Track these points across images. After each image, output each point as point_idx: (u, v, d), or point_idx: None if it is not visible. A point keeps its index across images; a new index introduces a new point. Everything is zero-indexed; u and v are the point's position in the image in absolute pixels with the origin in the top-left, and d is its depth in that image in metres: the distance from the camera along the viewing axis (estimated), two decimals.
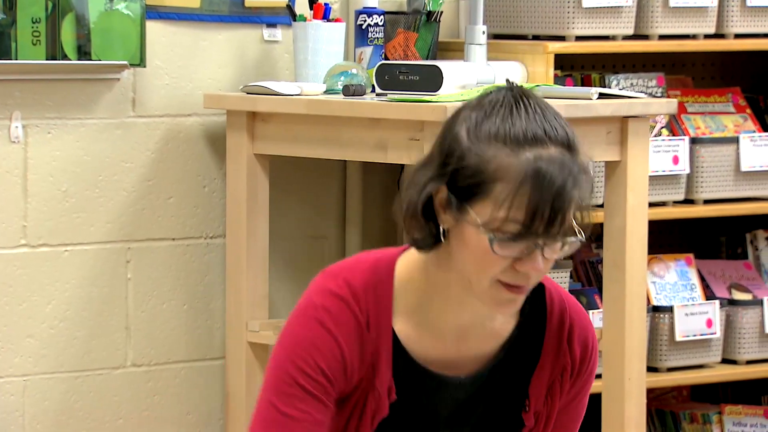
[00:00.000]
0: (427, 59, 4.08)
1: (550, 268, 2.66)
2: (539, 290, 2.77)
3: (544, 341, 2.77)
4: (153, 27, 4.01)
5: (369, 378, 2.69)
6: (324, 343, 2.71)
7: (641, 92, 4.24)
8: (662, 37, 4.32)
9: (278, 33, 4.19)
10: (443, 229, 2.65)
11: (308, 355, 2.72)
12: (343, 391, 2.76)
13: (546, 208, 2.57)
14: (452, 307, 2.73)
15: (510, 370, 2.79)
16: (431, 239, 2.68)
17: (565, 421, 2.85)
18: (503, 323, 2.78)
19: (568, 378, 2.74)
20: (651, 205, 3.98)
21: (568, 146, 2.57)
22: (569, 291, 4.04)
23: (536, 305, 2.77)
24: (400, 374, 2.73)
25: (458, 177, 2.60)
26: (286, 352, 2.75)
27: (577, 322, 2.77)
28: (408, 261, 2.75)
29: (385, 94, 3.84)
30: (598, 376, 4.03)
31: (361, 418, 2.71)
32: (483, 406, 2.80)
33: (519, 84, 2.64)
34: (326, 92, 3.92)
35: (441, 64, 3.83)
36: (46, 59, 3.86)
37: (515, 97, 2.61)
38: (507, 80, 2.69)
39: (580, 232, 2.59)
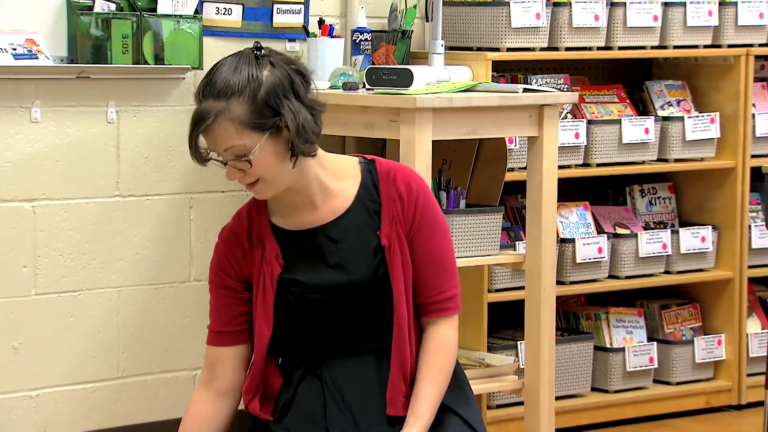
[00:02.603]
0: (402, 64, 4.11)
1: (254, 175, 2.74)
2: (372, 164, 2.91)
3: (379, 188, 2.84)
4: (208, 41, 4.03)
5: (261, 257, 2.81)
6: (218, 249, 2.85)
7: (553, 88, 4.27)
8: (567, 48, 4.38)
9: (296, 45, 4.20)
10: None
11: (212, 262, 2.87)
12: (247, 276, 2.85)
13: (189, 140, 2.76)
14: (288, 196, 2.81)
15: (360, 211, 2.86)
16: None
17: (424, 255, 2.89)
18: (346, 186, 2.88)
19: (400, 207, 2.84)
20: (559, 167, 4.01)
21: (221, 95, 2.72)
22: (502, 229, 4.03)
23: (371, 172, 2.88)
24: (283, 244, 2.83)
25: None
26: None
27: (400, 172, 2.88)
28: None
29: (373, 89, 3.87)
30: (522, 288, 4.02)
31: (264, 284, 2.82)
32: (349, 238, 2.85)
33: (256, 45, 2.74)
34: (331, 87, 3.94)
35: (412, 67, 3.86)
36: (132, 64, 3.85)
37: (233, 57, 2.77)
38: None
39: (244, 156, 2.71)
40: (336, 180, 2.87)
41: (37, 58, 3.78)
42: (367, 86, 3.91)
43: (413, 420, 2.85)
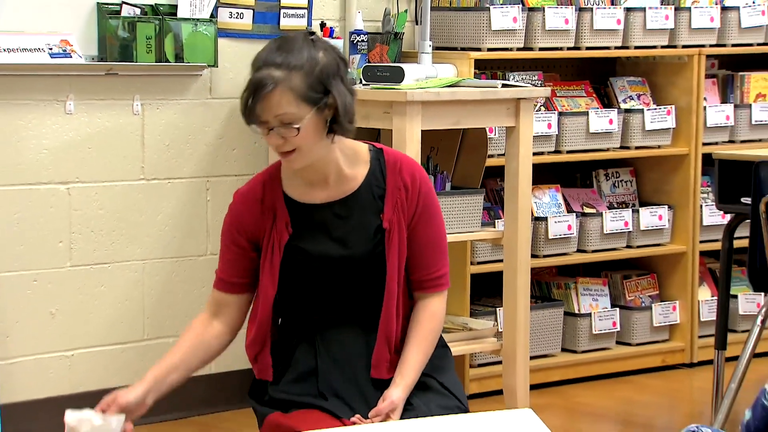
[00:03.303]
0: (394, 63, 4.09)
1: (293, 144, 2.68)
2: (380, 152, 2.86)
3: (386, 176, 2.80)
4: (222, 42, 4.02)
5: (272, 223, 2.79)
6: (233, 209, 2.80)
7: (528, 83, 4.25)
8: (541, 48, 4.38)
9: None
10: None
11: (226, 220, 2.81)
12: (257, 238, 2.81)
13: (245, 102, 2.68)
14: (308, 171, 2.76)
15: (367, 194, 2.82)
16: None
17: (420, 237, 2.88)
18: (357, 170, 2.83)
19: (405, 195, 2.81)
20: (533, 154, 4.00)
21: (287, 66, 2.67)
22: (483, 208, 4.04)
23: (379, 160, 2.83)
24: (293, 214, 2.80)
25: None
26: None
27: (406, 163, 2.85)
28: None
29: (368, 84, 3.84)
30: (500, 261, 4.04)
31: (273, 248, 2.80)
32: (354, 218, 2.81)
33: (306, 30, 2.73)
34: None
35: (403, 65, 3.87)
36: (155, 62, 3.84)
37: (282, 40, 2.71)
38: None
39: (292, 124, 2.65)
40: (349, 163, 2.87)
41: (71, 57, 3.79)
42: (364, 82, 3.91)
43: (399, 379, 2.87)
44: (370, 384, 2.89)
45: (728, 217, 4.02)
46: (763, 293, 4.14)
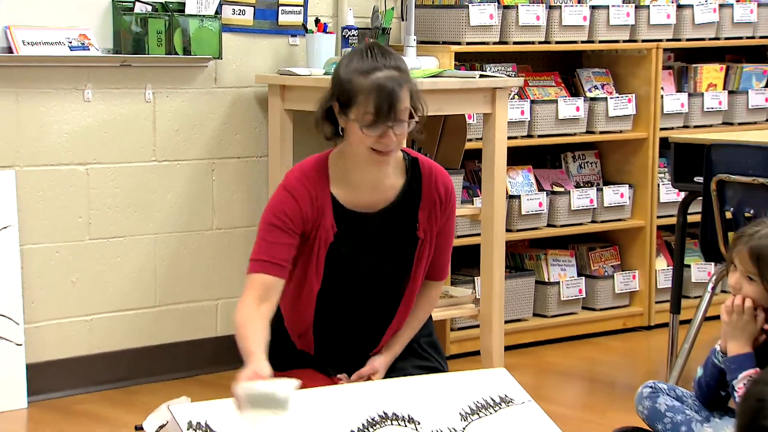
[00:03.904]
0: None
1: (404, 140, 2.71)
2: (416, 162, 2.81)
3: (422, 187, 2.81)
4: (226, 36, 4.02)
5: (319, 221, 2.77)
6: (287, 199, 2.71)
7: (503, 74, 4.25)
8: (515, 42, 4.39)
9: (298, 40, 4.20)
10: (341, 127, 2.73)
11: (278, 207, 2.71)
12: (304, 231, 2.75)
13: (385, 104, 2.64)
14: (359, 172, 2.73)
15: (404, 205, 2.79)
16: (333, 134, 2.74)
17: (441, 242, 2.90)
18: (395, 180, 2.79)
19: (439, 207, 2.89)
20: (508, 138, 4.01)
21: (396, 68, 2.67)
22: (462, 188, 4.05)
23: (415, 170, 2.82)
24: (338, 216, 2.80)
25: (341, 96, 2.67)
26: (267, 210, 2.75)
27: (440, 175, 2.83)
28: (333, 152, 2.79)
29: None
30: (478, 234, 4.06)
31: (317, 246, 2.77)
32: (391, 228, 2.82)
33: (372, 40, 2.71)
34: (325, 74, 3.91)
35: None
36: (165, 54, 3.83)
37: (367, 47, 2.67)
38: (365, 38, 2.76)
39: (413, 116, 2.66)
40: (392, 171, 2.85)
41: (89, 50, 3.79)
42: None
43: (385, 348, 2.90)
44: (364, 351, 2.91)
45: (683, 194, 4.00)
46: (713, 263, 4.17)
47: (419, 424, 2.81)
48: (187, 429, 2.65)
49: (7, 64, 3.67)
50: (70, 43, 3.76)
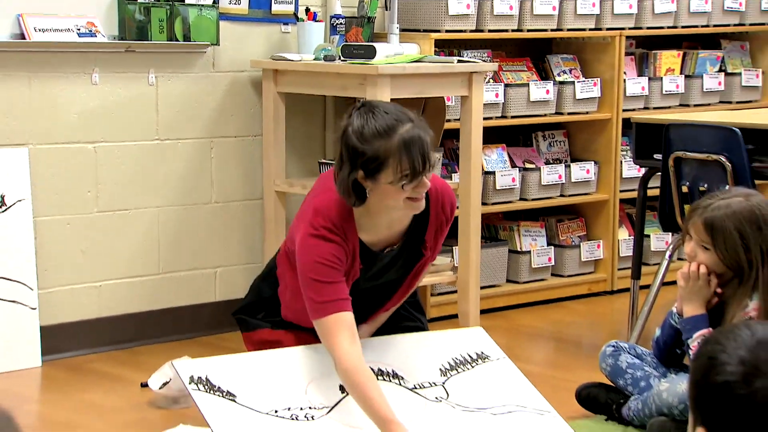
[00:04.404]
0: (368, 42, 4.08)
1: (428, 187, 2.63)
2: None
3: (430, 211, 2.77)
4: (223, 24, 4.03)
5: (352, 262, 2.60)
6: (331, 245, 2.63)
7: (479, 60, 4.25)
8: (490, 30, 4.39)
9: (289, 28, 4.19)
10: (367, 191, 2.63)
11: (329, 254, 2.64)
12: (344, 269, 2.70)
13: (419, 158, 2.59)
14: (380, 219, 2.69)
15: (414, 231, 2.81)
16: (360, 199, 2.63)
17: (439, 245, 2.88)
18: (405, 215, 2.75)
19: (445, 225, 2.79)
20: (484, 119, 4.01)
21: (412, 120, 2.55)
22: (441, 164, 4.07)
23: (425, 195, 2.70)
24: (363, 257, 2.77)
25: (366, 165, 2.59)
26: (313, 261, 2.63)
27: (447, 195, 2.88)
28: (359, 209, 2.70)
29: (346, 60, 3.84)
30: (456, 207, 4.07)
31: (347, 280, 2.62)
32: (403, 255, 2.79)
33: (364, 101, 2.64)
34: (315, 59, 3.92)
35: (375, 44, 3.86)
36: (167, 41, 3.83)
37: (367, 109, 2.60)
38: (356, 101, 2.67)
39: (438, 156, 2.66)
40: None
41: (96, 37, 3.76)
42: (342, 58, 3.91)
43: (371, 319, 2.92)
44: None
45: (643, 170, 4.03)
46: (670, 233, 4.20)
47: (403, 378, 2.84)
48: (190, 382, 2.68)
49: (20, 50, 3.66)
50: (79, 30, 3.75)
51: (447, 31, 4.29)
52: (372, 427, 2.60)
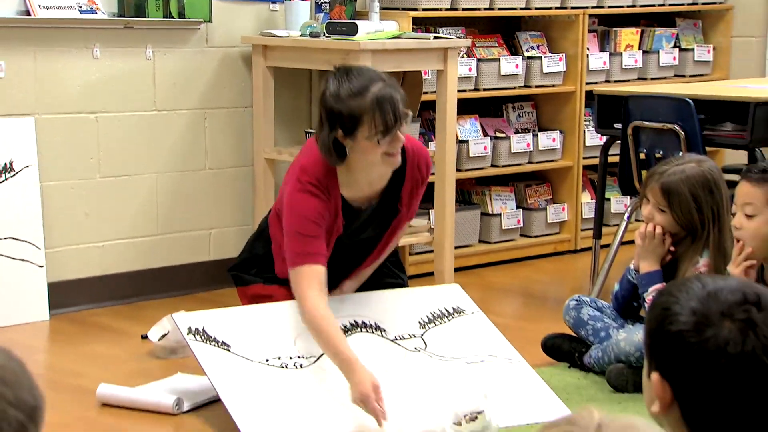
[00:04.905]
0: (350, 19, 4.05)
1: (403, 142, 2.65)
2: (402, 147, 2.79)
3: (406, 170, 2.78)
4: (215, 2, 4.01)
5: (334, 218, 2.61)
6: (314, 200, 2.68)
7: (453, 36, 4.24)
8: (464, 9, 4.36)
9: (278, 6, 4.15)
10: (347, 150, 2.63)
11: (308, 206, 2.66)
12: (326, 225, 2.71)
13: (390, 113, 2.58)
14: (361, 176, 2.73)
15: (391, 187, 2.83)
16: (341, 158, 2.67)
17: (415, 204, 2.90)
18: (385, 173, 2.76)
19: (421, 185, 2.76)
20: (458, 91, 4.00)
21: (383, 80, 2.56)
22: (419, 134, 4.07)
23: (402, 154, 2.69)
24: (345, 213, 2.78)
25: (344, 125, 2.60)
26: (297, 213, 2.65)
27: (422, 155, 2.90)
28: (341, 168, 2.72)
29: (330, 37, 3.81)
30: (433, 174, 4.08)
31: (330, 236, 2.64)
32: (380, 211, 2.81)
33: (338, 65, 2.64)
34: (301, 35, 3.89)
35: (357, 22, 3.84)
36: (163, 18, 3.79)
37: (342, 73, 2.61)
38: (334, 66, 2.68)
39: (410, 113, 2.64)
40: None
41: (96, 14, 3.72)
42: (326, 34, 3.88)
43: (355, 275, 2.93)
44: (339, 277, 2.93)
45: (604, 138, 3.98)
46: (629, 196, 4.22)
47: (384, 330, 2.86)
48: (187, 333, 2.69)
49: (26, 26, 3.62)
50: (80, 7, 3.70)
51: (424, 9, 4.25)
52: None
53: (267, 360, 2.69)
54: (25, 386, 1.08)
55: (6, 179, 3.62)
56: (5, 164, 3.62)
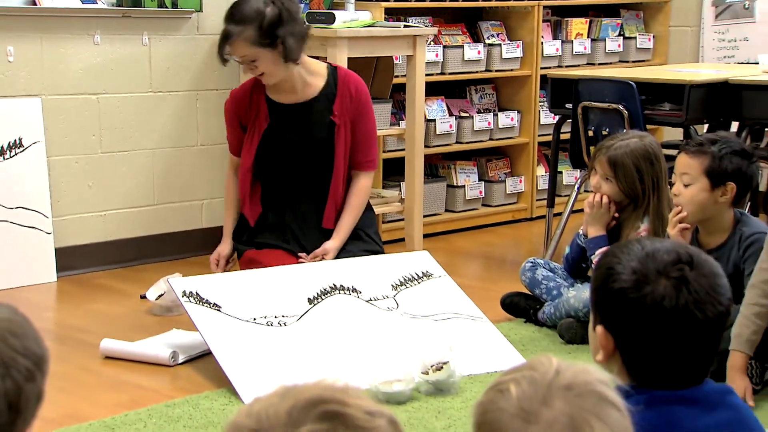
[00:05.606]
0: (328, 9, 4.01)
1: (260, 70, 2.75)
2: (335, 69, 2.91)
3: (337, 87, 2.88)
4: None
5: (255, 114, 2.75)
6: (228, 102, 2.93)
7: (422, 25, 4.21)
8: (431, 0, 4.28)
9: None
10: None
11: (225, 112, 2.96)
12: (242, 122, 2.93)
13: (219, 50, 2.80)
14: (280, 82, 2.86)
15: (323, 99, 2.91)
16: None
17: (359, 136, 2.93)
18: (317, 83, 2.88)
19: (349, 100, 2.85)
20: (426, 75, 3.97)
21: (238, 22, 2.76)
22: (391, 113, 4.04)
23: (334, 75, 2.92)
24: (271, 111, 2.92)
25: None
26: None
27: (352, 77, 3.01)
28: None
29: (310, 25, 3.77)
30: (403, 150, 4.07)
31: (254, 132, 2.78)
32: (313, 115, 2.88)
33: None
34: None
35: (335, 11, 3.78)
36: (158, 7, 3.74)
37: None
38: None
39: (252, 61, 2.77)
40: (310, 75, 2.88)
41: (97, 3, 3.67)
42: (306, 24, 3.87)
43: (335, 234, 2.94)
44: (321, 232, 2.94)
45: (557, 118, 4.01)
46: (579, 169, 4.24)
47: (360, 292, 2.87)
48: (182, 296, 2.68)
49: (33, 14, 3.57)
50: None
51: (395, 0, 4.23)
52: (333, 329, 2.64)
53: (254, 319, 2.69)
54: (32, 337, 1.10)
55: (16, 154, 3.59)
56: (15, 141, 3.59)
